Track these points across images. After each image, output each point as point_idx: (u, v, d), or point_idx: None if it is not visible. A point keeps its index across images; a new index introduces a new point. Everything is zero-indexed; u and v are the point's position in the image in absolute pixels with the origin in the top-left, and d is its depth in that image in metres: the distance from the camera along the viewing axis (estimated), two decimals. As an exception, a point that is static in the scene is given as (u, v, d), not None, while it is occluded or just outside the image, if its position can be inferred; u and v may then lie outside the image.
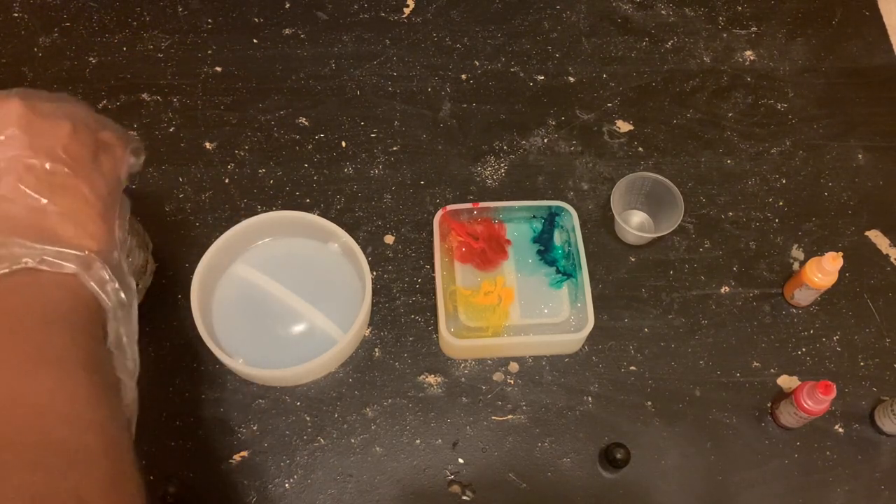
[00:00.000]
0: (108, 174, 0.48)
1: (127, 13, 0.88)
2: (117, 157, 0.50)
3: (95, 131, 0.49)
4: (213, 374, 0.67)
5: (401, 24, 0.89)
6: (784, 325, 0.71)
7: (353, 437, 0.65)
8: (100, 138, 0.49)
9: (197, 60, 0.85)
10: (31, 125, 0.44)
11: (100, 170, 0.48)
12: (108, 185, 0.48)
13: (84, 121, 0.48)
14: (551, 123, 0.82)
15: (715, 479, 0.64)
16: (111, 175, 0.49)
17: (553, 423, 0.66)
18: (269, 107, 0.82)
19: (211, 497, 0.62)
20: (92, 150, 0.47)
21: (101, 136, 0.49)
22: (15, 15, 0.87)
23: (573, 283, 0.69)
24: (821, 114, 0.84)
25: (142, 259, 0.65)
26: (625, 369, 0.69)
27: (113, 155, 0.50)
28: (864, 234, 0.77)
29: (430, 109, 0.83)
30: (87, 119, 0.49)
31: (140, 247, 0.65)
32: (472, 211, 0.72)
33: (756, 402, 0.68)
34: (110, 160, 0.49)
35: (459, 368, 0.68)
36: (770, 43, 0.90)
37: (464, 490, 0.63)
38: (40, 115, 0.45)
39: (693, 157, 0.81)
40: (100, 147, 0.48)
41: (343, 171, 0.78)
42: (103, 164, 0.48)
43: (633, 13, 0.91)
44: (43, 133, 0.45)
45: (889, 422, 0.65)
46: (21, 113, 0.44)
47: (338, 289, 0.70)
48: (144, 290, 0.67)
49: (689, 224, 0.77)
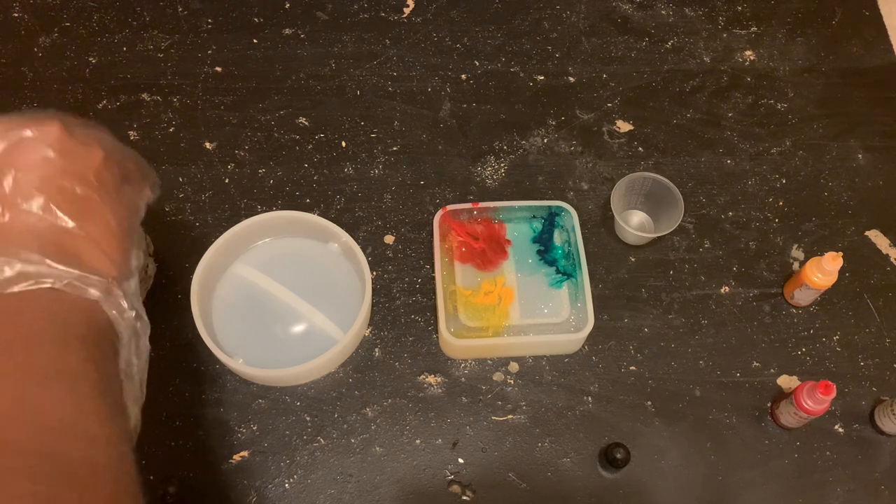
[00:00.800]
0: (129, 203, 0.50)
1: (127, 13, 0.88)
2: (138, 187, 0.52)
3: (121, 161, 0.50)
4: (213, 374, 0.67)
5: (401, 24, 0.89)
6: (784, 325, 0.71)
7: (353, 437, 0.65)
8: (125, 168, 0.50)
9: (197, 60, 0.85)
10: (67, 149, 0.46)
11: (123, 198, 0.49)
12: (128, 213, 0.49)
13: (113, 150, 0.49)
14: (551, 123, 0.82)
15: (715, 479, 0.64)
16: (132, 205, 0.51)
17: (553, 423, 0.66)
18: (269, 107, 0.82)
19: (211, 497, 0.62)
20: (118, 178, 0.49)
21: (126, 166, 0.51)
22: (15, 15, 0.87)
23: (573, 283, 0.69)
24: (821, 114, 0.84)
25: (142, 260, 0.65)
26: (625, 369, 0.69)
27: (134, 185, 0.51)
28: (864, 234, 0.77)
29: (430, 109, 0.83)
30: (115, 149, 0.50)
31: (139, 248, 0.64)
32: (472, 211, 0.72)
33: (756, 402, 0.68)
34: (132, 190, 0.51)
35: (459, 368, 0.68)
36: (770, 43, 0.90)
37: (464, 490, 0.63)
38: (76, 140, 0.46)
39: (693, 157, 0.81)
40: (124, 177, 0.50)
41: (343, 171, 0.78)
42: (126, 193, 0.50)
43: (633, 13, 0.91)
44: (77, 158, 0.46)
45: (889, 422, 0.65)
46: (59, 136, 0.46)
47: (338, 289, 0.70)
48: (145, 292, 0.67)
49: (689, 224, 0.77)
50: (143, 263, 0.65)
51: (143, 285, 0.67)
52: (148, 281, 0.68)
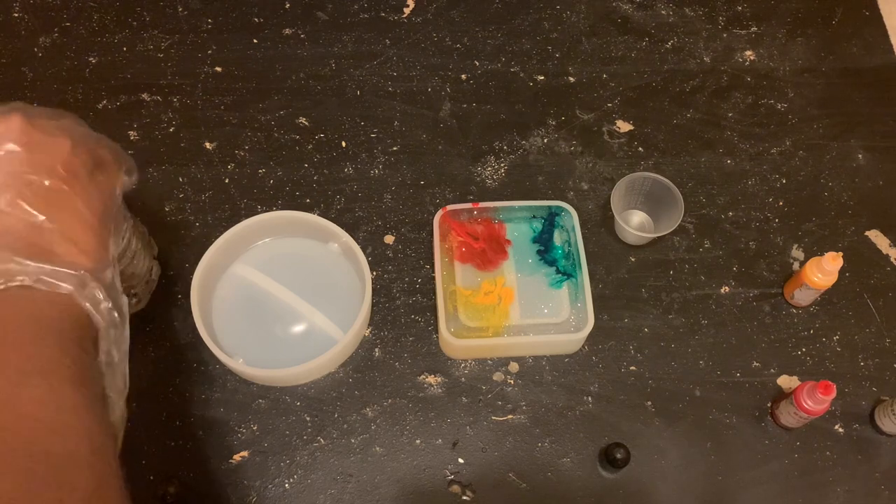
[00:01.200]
0: (103, 191, 0.49)
1: (127, 13, 0.88)
2: (112, 174, 0.51)
3: (93, 149, 0.49)
4: (213, 374, 0.67)
5: (401, 24, 0.89)
6: (784, 325, 0.71)
7: (353, 437, 0.65)
8: (96, 155, 0.49)
9: (197, 60, 0.85)
10: (32, 141, 0.45)
11: (96, 187, 0.48)
12: (103, 202, 0.48)
13: (82, 138, 0.48)
14: (551, 123, 0.82)
15: (715, 479, 0.64)
16: (107, 192, 0.49)
17: (553, 423, 0.66)
18: (269, 107, 0.82)
19: (211, 497, 0.62)
20: (89, 167, 0.48)
21: (98, 153, 0.50)
22: (15, 15, 0.87)
23: (573, 283, 0.69)
24: (821, 114, 0.84)
25: (146, 263, 0.65)
26: (625, 369, 0.69)
27: (108, 172, 0.50)
28: (864, 234, 0.77)
29: (430, 109, 0.83)
30: (84, 136, 0.49)
31: (145, 248, 0.64)
32: (472, 211, 0.72)
33: (756, 402, 0.68)
34: (106, 177, 0.50)
35: (459, 368, 0.68)
36: (770, 43, 0.90)
37: (464, 490, 0.63)
38: (40, 132, 0.46)
39: (693, 157, 0.81)
40: (96, 164, 0.49)
41: (343, 171, 0.78)
42: (99, 182, 0.49)
43: (633, 13, 0.91)
44: (43, 149, 0.45)
45: (889, 422, 0.65)
46: (22, 129, 0.45)
47: (338, 289, 0.70)
48: (149, 294, 0.67)
49: (689, 224, 0.77)
50: (147, 265, 0.65)
51: (148, 287, 0.67)
52: (152, 283, 0.68)
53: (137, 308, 0.66)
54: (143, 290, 0.66)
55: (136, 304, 0.66)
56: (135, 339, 0.49)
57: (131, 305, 0.66)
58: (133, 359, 0.48)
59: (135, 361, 0.48)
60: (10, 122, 0.45)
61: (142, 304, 0.67)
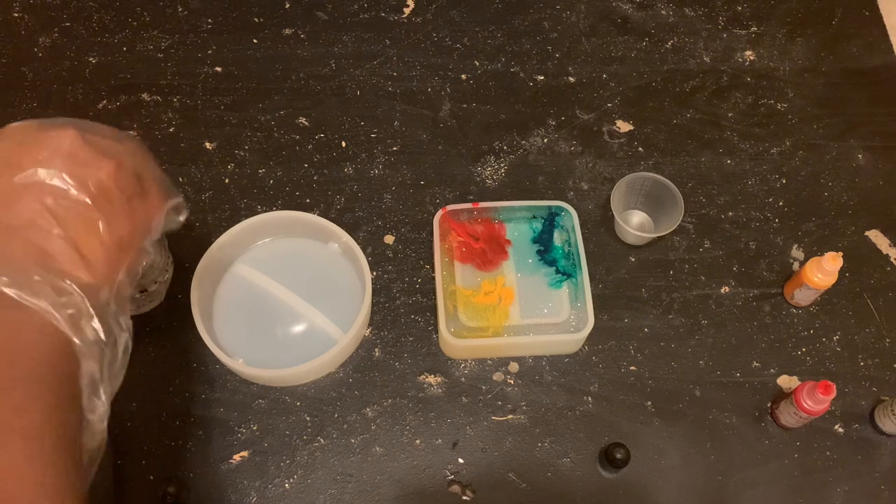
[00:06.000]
0: (135, 220, 0.48)
1: (127, 13, 0.88)
2: (152, 206, 0.50)
3: (141, 178, 0.49)
4: (213, 374, 0.67)
5: (401, 24, 0.89)
6: (784, 325, 0.71)
7: (353, 437, 0.65)
8: (142, 184, 0.49)
9: (197, 60, 0.85)
10: (76, 155, 0.45)
11: (127, 213, 0.47)
12: (133, 230, 0.48)
13: (132, 165, 0.48)
14: (551, 123, 0.82)
15: (715, 479, 0.64)
16: (139, 221, 0.49)
17: (553, 423, 0.66)
18: (269, 107, 0.82)
19: (211, 497, 0.62)
20: (128, 193, 0.47)
21: (145, 183, 0.49)
22: (15, 15, 0.87)
23: (573, 283, 0.69)
24: (821, 114, 0.84)
25: (162, 259, 0.65)
26: (625, 369, 0.69)
27: (148, 203, 0.50)
28: (864, 234, 0.77)
29: (430, 109, 0.83)
30: (137, 164, 0.49)
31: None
32: (472, 211, 0.72)
33: (756, 402, 0.68)
34: (144, 208, 0.49)
35: (459, 368, 0.68)
36: (770, 43, 0.90)
37: (464, 490, 0.63)
38: (90, 147, 0.46)
39: (693, 157, 0.81)
40: (137, 193, 0.48)
41: (343, 171, 0.78)
42: (134, 208, 0.48)
43: (633, 13, 0.91)
44: (84, 164, 0.45)
45: (889, 422, 0.65)
46: (72, 142, 0.45)
47: (338, 289, 0.70)
48: (166, 286, 0.68)
49: (689, 224, 0.77)
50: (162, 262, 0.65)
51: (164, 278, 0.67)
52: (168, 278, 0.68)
53: (152, 306, 0.68)
54: (157, 288, 0.66)
55: (150, 302, 0.67)
56: (135, 339, 0.48)
57: (145, 303, 0.67)
58: (133, 359, 0.48)
59: (135, 361, 0.48)
60: (63, 134, 0.46)
61: (154, 302, 0.68)
